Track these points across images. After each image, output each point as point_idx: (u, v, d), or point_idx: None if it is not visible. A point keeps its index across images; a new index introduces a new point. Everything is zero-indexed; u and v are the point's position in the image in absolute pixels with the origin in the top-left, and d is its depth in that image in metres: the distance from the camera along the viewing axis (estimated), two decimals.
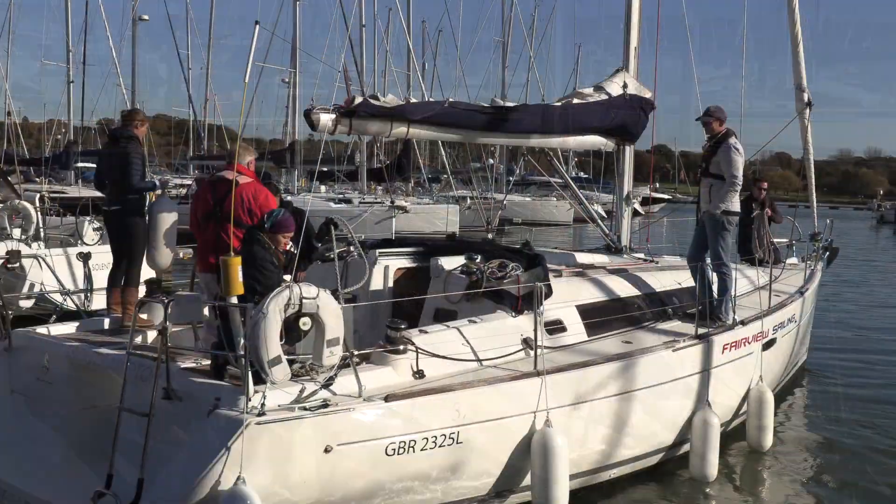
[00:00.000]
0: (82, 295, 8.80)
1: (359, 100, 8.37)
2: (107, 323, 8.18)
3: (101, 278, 10.38)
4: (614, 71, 11.51)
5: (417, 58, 45.08)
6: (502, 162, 60.44)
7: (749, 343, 9.52)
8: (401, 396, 6.28)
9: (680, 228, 13.32)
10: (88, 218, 17.25)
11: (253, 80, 48.15)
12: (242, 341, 5.85)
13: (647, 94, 11.36)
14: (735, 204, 9.65)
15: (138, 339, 7.60)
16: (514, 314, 7.87)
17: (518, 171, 66.30)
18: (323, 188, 43.73)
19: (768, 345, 10.09)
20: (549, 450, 6.91)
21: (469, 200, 47.73)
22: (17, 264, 7.73)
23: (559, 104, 10.54)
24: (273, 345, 5.71)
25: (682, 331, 8.95)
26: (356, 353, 6.41)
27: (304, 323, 5.94)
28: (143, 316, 8.06)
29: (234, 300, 5.95)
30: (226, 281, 5.86)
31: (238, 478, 5.48)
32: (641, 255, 11.56)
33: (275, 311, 5.73)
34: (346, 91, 40.65)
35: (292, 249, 7.12)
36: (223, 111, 65.52)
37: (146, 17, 47.48)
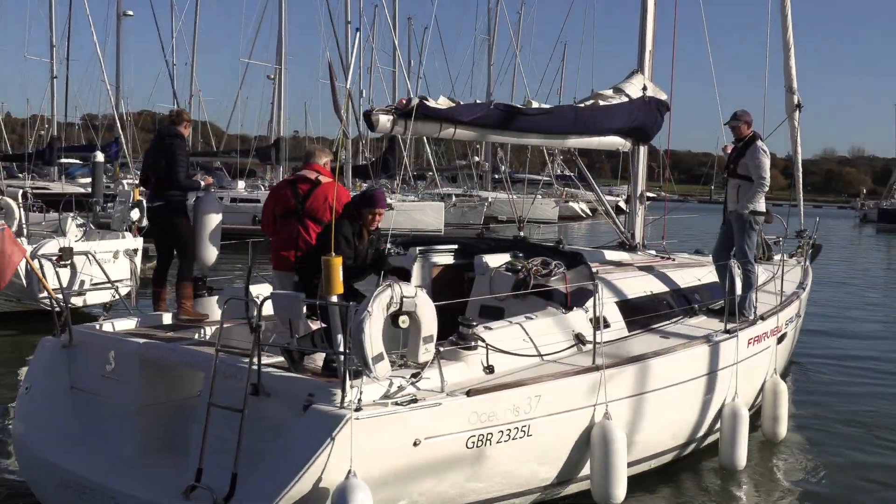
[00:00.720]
0: (131, 291, 8.86)
1: (415, 101, 8.55)
2: (165, 318, 8.22)
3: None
4: (630, 73, 11.78)
5: (403, 55, 45.08)
6: (488, 159, 60.47)
7: (768, 337, 9.90)
8: (481, 391, 6.44)
9: (673, 225, 13.43)
10: (72, 214, 17.18)
11: (238, 77, 48.11)
12: (341, 338, 5.99)
13: (663, 97, 11.66)
14: (761, 204, 9.97)
15: (196, 335, 7.77)
16: (564, 311, 8.05)
17: (504, 169, 66.37)
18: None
19: (781, 338, 10.52)
20: (608, 441, 7.19)
21: (454, 198, 47.83)
22: (70, 261, 7.79)
23: (586, 105, 10.79)
24: (377, 342, 5.81)
25: (710, 326, 9.19)
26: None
27: (404, 321, 6.05)
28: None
29: (335, 299, 6.05)
30: (326, 280, 5.97)
31: (349, 472, 5.60)
32: (653, 252, 11.79)
33: (379, 310, 5.86)
34: (331, 88, 40.65)
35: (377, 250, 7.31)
36: (207, 108, 65.43)
37: (131, 12, 47.34)
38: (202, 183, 8.84)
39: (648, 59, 11.92)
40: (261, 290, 8.05)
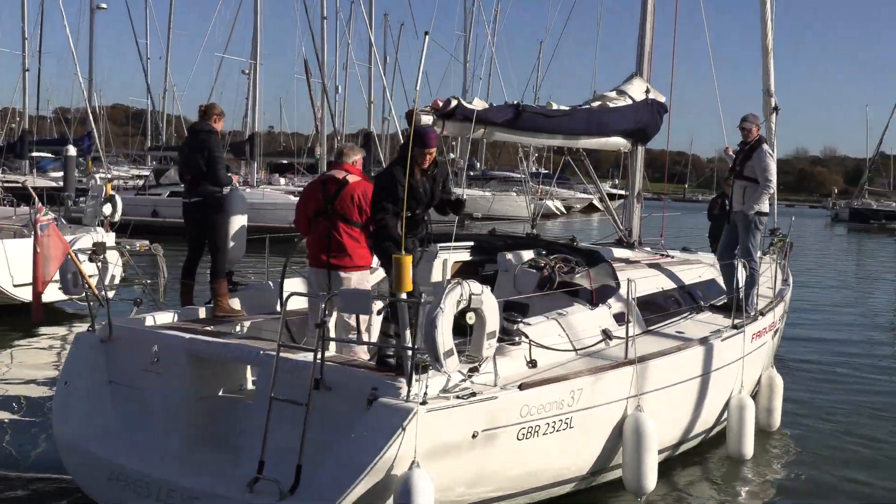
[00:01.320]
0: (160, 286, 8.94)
1: (454, 103, 8.80)
2: (201, 312, 8.31)
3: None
4: (629, 76, 12.08)
5: (379, 51, 44.98)
6: (463, 157, 60.46)
7: (767, 332, 10.36)
8: (532, 385, 6.65)
9: (656, 223, 13.63)
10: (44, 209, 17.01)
11: (213, 72, 47.89)
12: (409, 334, 6.18)
13: (662, 99, 11.99)
14: (766, 205, 10.35)
15: (234, 330, 7.97)
16: (590, 307, 8.33)
17: (478, 167, 66.44)
18: (283, 181, 43.45)
19: (775, 333, 10.99)
20: (641, 432, 7.48)
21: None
22: (103, 256, 7.87)
23: (594, 107, 11.06)
24: (448, 338, 5.93)
25: (717, 321, 9.53)
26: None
27: (470, 317, 6.19)
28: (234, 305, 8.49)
29: (403, 296, 6.23)
30: (396, 278, 6.11)
31: (413, 462, 5.77)
32: (648, 249, 12.04)
33: (451, 307, 5.99)
34: (307, 83, 40.59)
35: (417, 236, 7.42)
36: (181, 102, 64.99)
37: (104, 5, 46.95)
38: (232, 179, 8.94)
39: (647, 63, 12.21)
40: (292, 285, 8.31)
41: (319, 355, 6.18)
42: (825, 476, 9.01)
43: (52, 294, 15.48)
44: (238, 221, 8.71)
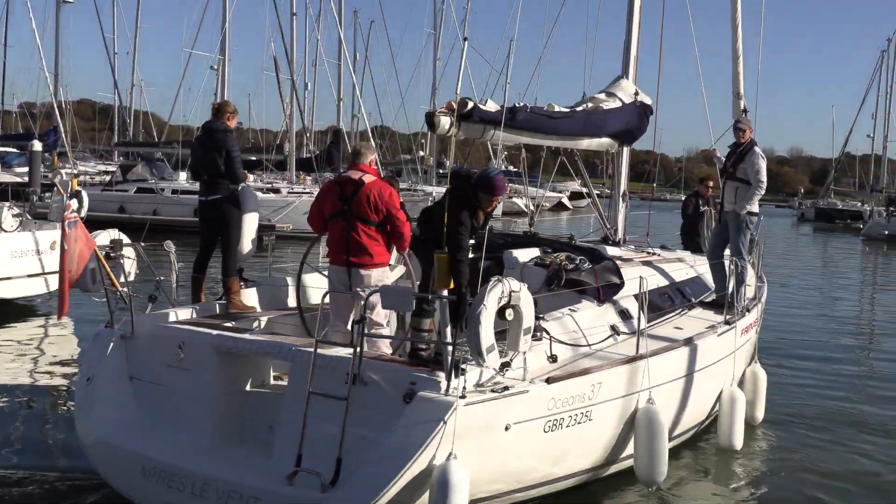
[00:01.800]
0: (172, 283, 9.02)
1: (470, 105, 9.01)
2: (217, 309, 8.41)
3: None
4: (615, 78, 12.39)
5: (349, 48, 44.84)
6: (433, 154, 60.48)
7: (752, 327, 10.78)
8: (558, 379, 6.89)
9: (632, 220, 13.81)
10: (7, 203, 16.83)
11: (181, 67, 47.55)
12: (448, 330, 6.34)
13: (649, 101, 12.29)
14: (756, 205, 10.70)
15: (254, 325, 8.07)
16: (598, 304, 8.58)
17: (447, 165, 66.48)
18: (251, 177, 43.13)
19: (758, 329, 11.53)
20: (652, 424, 7.73)
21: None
22: (121, 252, 7.92)
23: (587, 109, 11.27)
24: (490, 333, 6.13)
25: (709, 317, 9.82)
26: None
27: (510, 314, 6.35)
28: (248, 303, 8.63)
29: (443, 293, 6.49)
30: (438, 275, 6.42)
31: (450, 454, 5.94)
32: (633, 247, 12.23)
33: (493, 303, 6.17)
34: (276, 79, 40.46)
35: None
36: (149, 97, 64.43)
37: None
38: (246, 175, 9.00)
39: (633, 65, 12.53)
40: (308, 280, 8.60)
41: (358, 350, 6.33)
42: (812, 467, 9.27)
43: (21, 289, 15.50)
44: (251, 219, 8.83)
